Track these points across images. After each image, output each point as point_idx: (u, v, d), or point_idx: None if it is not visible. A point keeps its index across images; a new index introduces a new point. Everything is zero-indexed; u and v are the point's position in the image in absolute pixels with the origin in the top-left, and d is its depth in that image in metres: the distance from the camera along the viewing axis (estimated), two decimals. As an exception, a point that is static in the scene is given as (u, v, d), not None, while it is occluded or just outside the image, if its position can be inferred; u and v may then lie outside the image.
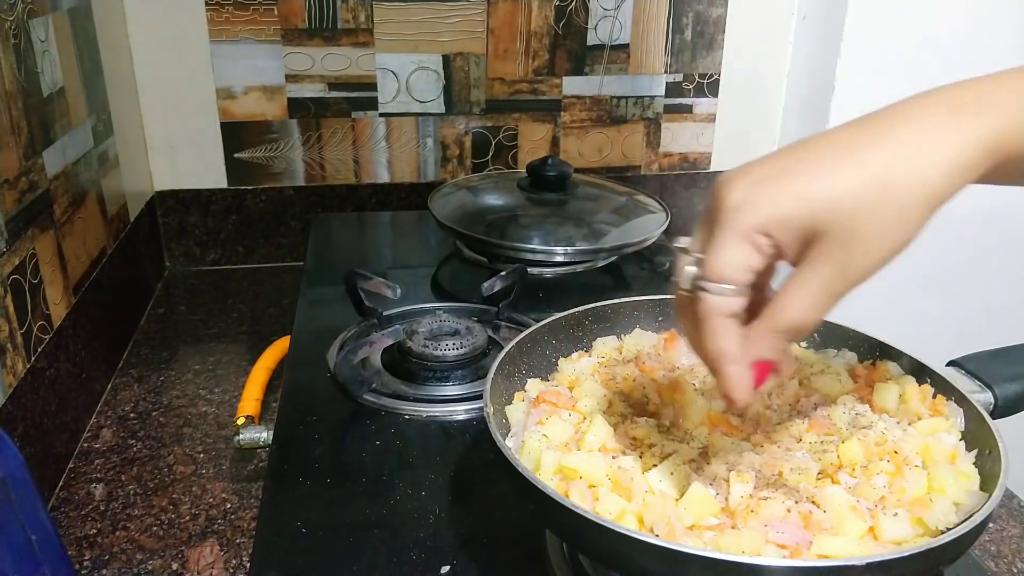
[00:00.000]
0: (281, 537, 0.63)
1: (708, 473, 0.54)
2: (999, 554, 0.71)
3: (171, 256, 1.30)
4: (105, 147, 1.05)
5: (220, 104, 1.23)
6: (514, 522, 0.65)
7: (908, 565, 0.45)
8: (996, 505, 0.49)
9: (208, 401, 0.96)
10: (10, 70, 0.78)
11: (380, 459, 0.72)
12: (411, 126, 1.30)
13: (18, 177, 0.79)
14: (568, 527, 0.50)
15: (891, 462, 0.55)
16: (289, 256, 1.32)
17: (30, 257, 0.80)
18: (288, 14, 1.20)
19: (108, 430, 0.91)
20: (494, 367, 0.62)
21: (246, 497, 0.81)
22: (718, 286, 0.42)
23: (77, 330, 0.90)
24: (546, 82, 1.31)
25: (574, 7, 1.27)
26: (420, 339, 0.83)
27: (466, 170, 1.34)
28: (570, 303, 0.72)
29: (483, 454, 0.72)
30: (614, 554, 0.48)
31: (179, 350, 1.08)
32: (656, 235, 1.08)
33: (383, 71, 1.25)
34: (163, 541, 0.75)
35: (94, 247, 0.99)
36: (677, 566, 0.45)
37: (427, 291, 1.05)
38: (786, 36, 1.34)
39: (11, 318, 0.75)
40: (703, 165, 1.41)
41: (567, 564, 0.61)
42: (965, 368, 0.63)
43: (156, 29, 1.18)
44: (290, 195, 1.29)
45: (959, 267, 1.36)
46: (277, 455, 0.72)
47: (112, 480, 0.83)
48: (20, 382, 0.75)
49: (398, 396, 0.80)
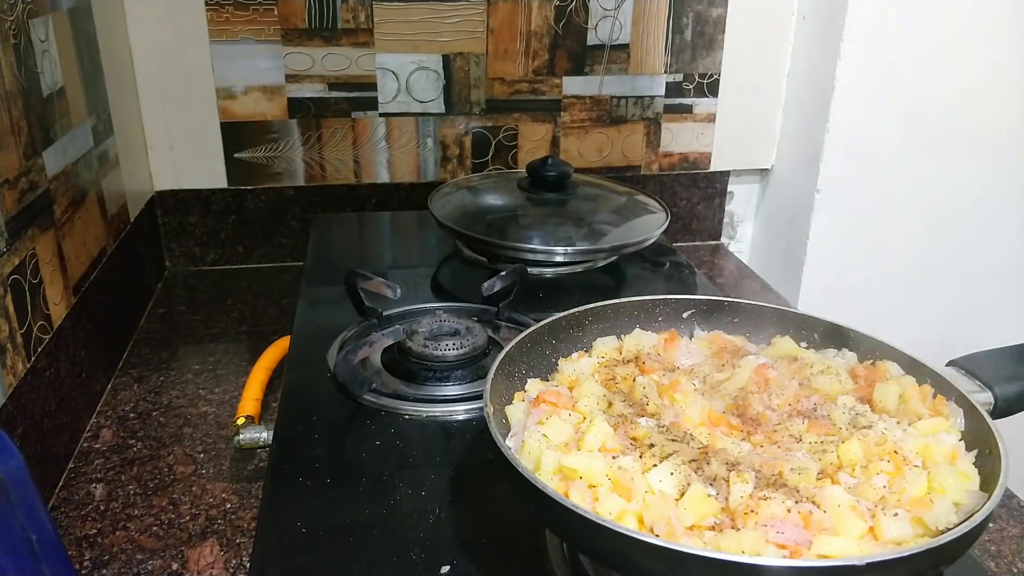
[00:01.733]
0: (281, 537, 0.63)
1: (708, 473, 0.54)
2: (999, 554, 0.71)
3: (171, 256, 1.30)
4: (105, 147, 1.05)
5: (220, 104, 1.23)
6: (514, 522, 0.65)
7: (908, 565, 0.45)
8: (996, 505, 0.49)
9: (208, 401, 0.96)
10: (10, 70, 0.78)
11: (380, 459, 0.72)
12: (411, 126, 1.30)
13: (18, 177, 0.79)
14: (568, 527, 0.50)
15: (891, 462, 0.55)
16: (289, 256, 1.32)
17: (30, 257, 0.80)
18: (288, 14, 1.20)
19: (108, 430, 0.91)
20: (494, 367, 0.62)
21: (246, 497, 0.81)
22: None
23: (77, 330, 0.90)
24: (546, 82, 1.31)
25: (574, 7, 1.27)
26: (420, 339, 0.83)
27: (466, 170, 1.34)
28: (570, 303, 0.72)
29: (483, 454, 0.72)
30: (614, 554, 0.48)
31: (179, 350, 1.08)
32: (656, 235, 1.08)
33: (383, 71, 1.25)
34: (163, 541, 0.75)
35: (94, 247, 0.99)
36: (677, 566, 0.45)
37: (427, 291, 1.05)
38: (786, 36, 1.34)
39: (11, 318, 0.75)
40: (703, 165, 1.41)
41: (567, 564, 0.61)
42: (965, 368, 0.63)
43: (156, 29, 1.18)
44: (290, 195, 1.29)
45: (958, 267, 1.36)
46: (277, 455, 0.72)
47: (112, 480, 0.83)
48: (20, 382, 0.75)
49: (398, 396, 0.80)
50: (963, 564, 0.64)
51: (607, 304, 0.73)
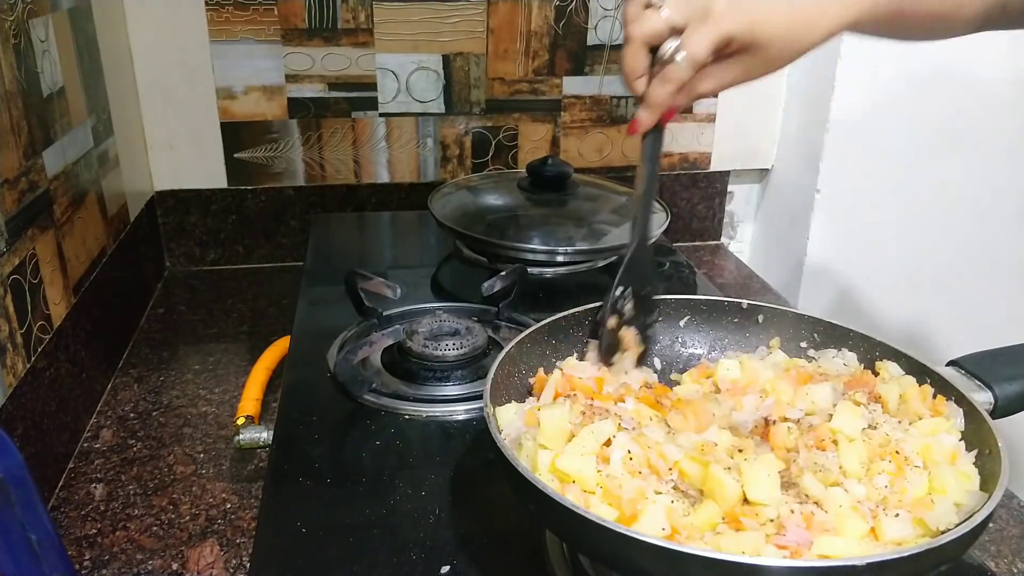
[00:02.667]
0: (281, 537, 0.63)
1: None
2: (999, 554, 0.71)
3: (171, 256, 1.30)
4: (105, 147, 1.05)
5: (220, 104, 1.23)
6: (514, 522, 0.65)
7: (908, 565, 0.45)
8: (996, 505, 0.49)
9: (208, 401, 0.96)
10: (10, 70, 0.78)
11: (380, 459, 0.72)
12: (411, 126, 1.30)
13: (18, 177, 0.79)
14: (568, 527, 0.50)
15: (892, 462, 0.55)
16: (289, 256, 1.32)
17: (30, 257, 0.80)
18: (288, 14, 1.20)
19: (108, 430, 0.91)
20: (494, 367, 0.62)
21: (246, 497, 0.81)
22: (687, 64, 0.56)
23: (77, 330, 0.90)
24: (546, 82, 1.31)
25: (574, 7, 1.27)
26: (420, 339, 0.83)
27: (466, 170, 1.34)
28: (570, 303, 0.72)
29: (483, 454, 0.72)
30: (614, 554, 0.48)
31: (179, 350, 1.08)
32: (656, 235, 1.08)
33: (383, 71, 1.25)
34: (163, 541, 0.75)
35: (94, 247, 0.99)
36: (677, 566, 0.45)
37: (427, 291, 1.05)
38: (786, 36, 1.34)
39: (11, 318, 0.75)
40: (703, 165, 1.41)
41: (567, 564, 0.61)
42: (965, 368, 0.63)
43: (156, 29, 1.18)
44: (290, 195, 1.29)
45: (958, 267, 1.36)
46: (277, 455, 0.72)
47: (112, 480, 0.83)
48: (20, 382, 0.75)
49: (398, 396, 0.80)
50: (963, 564, 0.64)
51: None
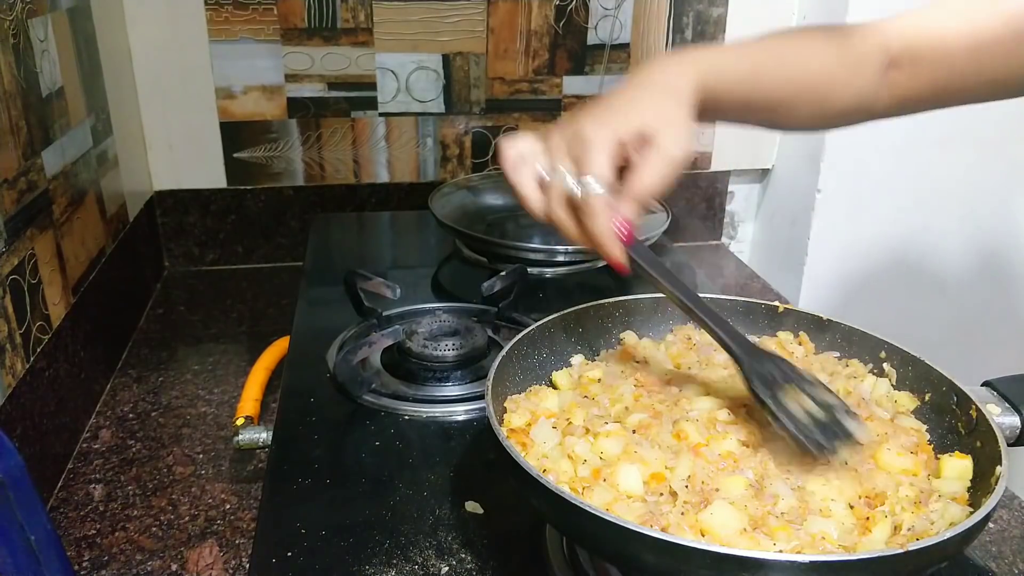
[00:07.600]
0: (281, 537, 0.63)
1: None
2: (999, 554, 0.71)
3: (170, 256, 1.30)
4: (104, 147, 1.05)
5: (219, 104, 1.23)
6: (514, 522, 0.65)
7: (908, 563, 0.45)
8: (996, 505, 0.49)
9: (207, 401, 0.96)
10: (9, 70, 0.78)
11: (380, 459, 0.72)
12: (411, 126, 1.29)
13: (17, 177, 0.79)
14: (571, 522, 0.50)
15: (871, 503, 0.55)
16: (289, 256, 1.32)
17: (29, 257, 0.80)
18: (287, 14, 1.20)
19: (107, 431, 0.91)
20: (494, 367, 0.62)
21: (246, 497, 0.81)
22: (598, 184, 0.56)
23: (76, 330, 0.90)
24: (546, 82, 1.31)
25: (574, 6, 1.27)
26: (420, 339, 0.83)
27: (466, 170, 1.33)
28: (570, 303, 0.72)
29: (483, 454, 0.72)
30: (617, 548, 0.48)
31: (178, 350, 1.08)
32: (656, 235, 1.08)
33: (383, 71, 1.25)
34: (162, 542, 0.75)
35: (93, 247, 0.99)
36: (678, 560, 0.45)
37: (427, 291, 1.05)
38: (786, 36, 1.34)
39: (10, 318, 0.75)
40: (703, 165, 1.41)
41: (567, 564, 0.61)
42: (997, 390, 0.62)
43: (156, 29, 1.18)
44: (290, 195, 1.29)
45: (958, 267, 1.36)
46: (276, 455, 0.72)
47: (111, 481, 0.83)
48: (19, 382, 0.75)
49: (398, 396, 0.80)
50: (963, 564, 0.64)
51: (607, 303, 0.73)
